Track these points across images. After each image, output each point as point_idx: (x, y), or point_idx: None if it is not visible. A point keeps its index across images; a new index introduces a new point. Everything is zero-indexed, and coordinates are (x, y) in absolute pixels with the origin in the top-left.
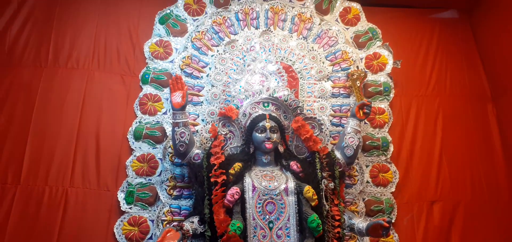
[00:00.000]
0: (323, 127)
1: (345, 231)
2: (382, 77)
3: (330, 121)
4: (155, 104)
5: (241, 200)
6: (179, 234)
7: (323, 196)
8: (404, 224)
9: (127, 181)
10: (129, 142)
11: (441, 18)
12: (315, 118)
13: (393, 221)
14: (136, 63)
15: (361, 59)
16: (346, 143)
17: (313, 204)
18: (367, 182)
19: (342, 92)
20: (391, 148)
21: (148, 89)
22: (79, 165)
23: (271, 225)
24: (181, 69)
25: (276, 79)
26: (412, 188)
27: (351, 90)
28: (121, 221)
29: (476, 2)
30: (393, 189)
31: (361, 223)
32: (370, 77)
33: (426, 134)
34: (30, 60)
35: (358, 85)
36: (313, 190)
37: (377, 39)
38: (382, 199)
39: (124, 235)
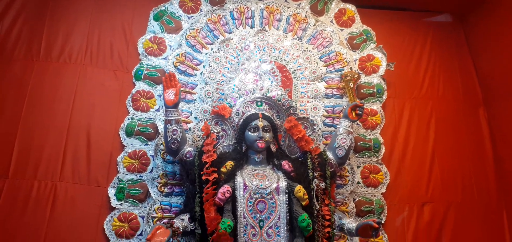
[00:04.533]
0: (315, 127)
1: (335, 231)
2: (375, 79)
3: (323, 121)
4: (148, 100)
5: (232, 199)
6: (169, 231)
7: (314, 196)
8: (397, 224)
9: (118, 177)
10: (121, 138)
11: (434, 22)
12: (308, 118)
13: (383, 222)
14: (129, 59)
15: (355, 60)
16: (338, 143)
17: (303, 203)
18: (358, 182)
19: (335, 93)
20: (383, 150)
21: (141, 86)
22: (69, 160)
23: (261, 223)
24: (175, 67)
25: (270, 79)
26: (403, 189)
27: (344, 91)
28: (111, 217)
29: (470, 7)
30: (383, 190)
31: (351, 223)
32: (364, 78)
33: (418, 136)
34: (21, 54)
35: (351, 86)
36: (304, 190)
37: (371, 41)
38: (372, 199)
39: (114, 231)
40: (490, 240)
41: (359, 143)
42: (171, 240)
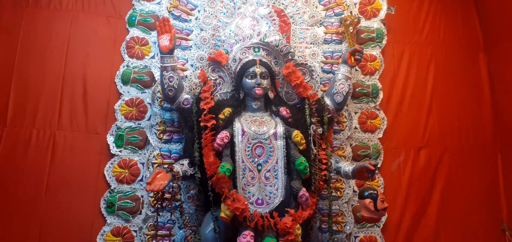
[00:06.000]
0: (313, 73)
1: (331, 174)
2: (375, 23)
3: (321, 67)
4: (143, 47)
5: (231, 144)
6: (169, 175)
7: (311, 140)
8: (393, 169)
9: (116, 125)
10: (117, 86)
11: None
12: (306, 64)
13: (379, 165)
14: (121, 5)
15: (355, 4)
16: (336, 89)
17: (301, 148)
18: (355, 128)
19: (334, 38)
20: (381, 95)
21: (135, 32)
22: (67, 108)
23: (259, 167)
24: (169, 12)
25: (267, 24)
26: (400, 134)
27: (343, 36)
28: (111, 163)
29: None
30: (380, 135)
31: (347, 166)
32: (363, 23)
33: (417, 81)
34: (10, 1)
35: (351, 31)
36: (302, 135)
37: None
38: (369, 144)
39: (114, 177)
40: (484, 184)
41: (357, 89)
42: (171, 184)
